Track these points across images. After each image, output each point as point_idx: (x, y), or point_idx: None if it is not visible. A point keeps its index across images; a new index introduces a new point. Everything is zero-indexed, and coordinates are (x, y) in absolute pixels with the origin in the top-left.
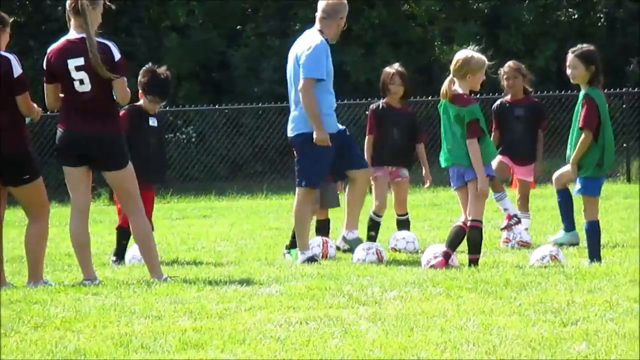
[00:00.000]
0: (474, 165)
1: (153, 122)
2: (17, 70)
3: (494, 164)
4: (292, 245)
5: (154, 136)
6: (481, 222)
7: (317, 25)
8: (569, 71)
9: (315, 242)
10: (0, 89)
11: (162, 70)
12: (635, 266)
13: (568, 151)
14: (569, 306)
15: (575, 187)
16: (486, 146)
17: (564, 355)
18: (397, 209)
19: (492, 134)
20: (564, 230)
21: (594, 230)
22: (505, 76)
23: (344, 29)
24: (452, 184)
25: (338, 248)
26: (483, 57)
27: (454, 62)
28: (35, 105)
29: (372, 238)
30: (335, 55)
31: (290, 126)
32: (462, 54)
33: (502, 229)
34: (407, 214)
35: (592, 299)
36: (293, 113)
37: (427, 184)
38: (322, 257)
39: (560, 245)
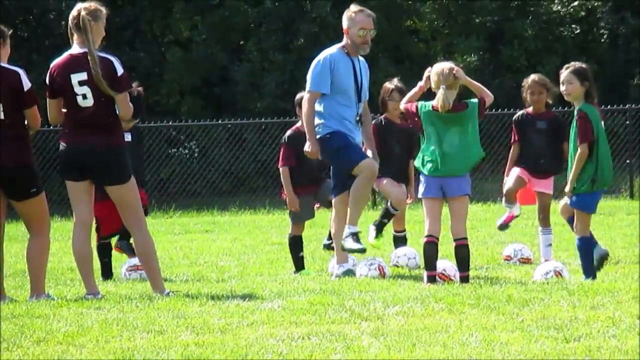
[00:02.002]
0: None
1: (127, 137)
2: (27, 84)
3: (513, 178)
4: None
5: (129, 151)
6: (467, 238)
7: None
8: (562, 87)
9: (372, 264)
10: (10, 103)
11: (134, 86)
12: (638, 283)
13: (568, 169)
14: (572, 322)
15: (570, 200)
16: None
17: None
18: (395, 226)
19: (512, 145)
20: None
21: (585, 246)
22: (529, 90)
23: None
24: (427, 193)
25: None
26: None
27: (441, 73)
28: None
29: (383, 224)
30: None
31: None
32: (444, 64)
33: (499, 227)
34: (404, 230)
35: (595, 315)
36: None
37: (410, 201)
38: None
39: (600, 265)
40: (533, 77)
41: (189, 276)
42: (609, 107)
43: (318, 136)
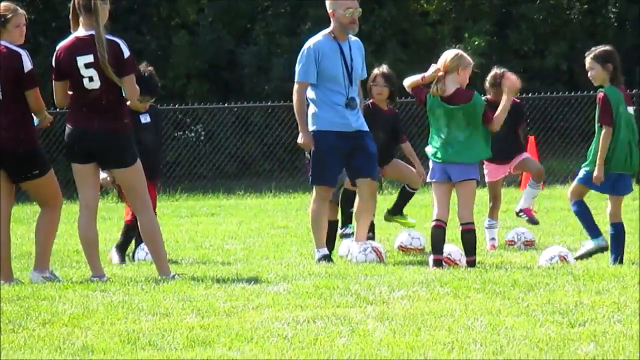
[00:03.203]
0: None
1: (145, 118)
2: (27, 65)
3: (489, 184)
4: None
5: (149, 133)
6: (473, 222)
7: None
8: (589, 74)
9: (365, 248)
10: (11, 84)
11: (143, 67)
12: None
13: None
14: (577, 307)
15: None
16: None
17: (572, 356)
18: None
19: None
20: (591, 238)
21: (617, 233)
22: (489, 84)
23: (356, 23)
24: (432, 177)
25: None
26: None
27: (447, 59)
28: (44, 107)
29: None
30: None
31: None
32: (453, 51)
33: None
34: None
35: (600, 301)
36: None
37: (423, 178)
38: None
39: (591, 254)
40: (494, 69)
41: (195, 259)
42: None
43: (311, 128)
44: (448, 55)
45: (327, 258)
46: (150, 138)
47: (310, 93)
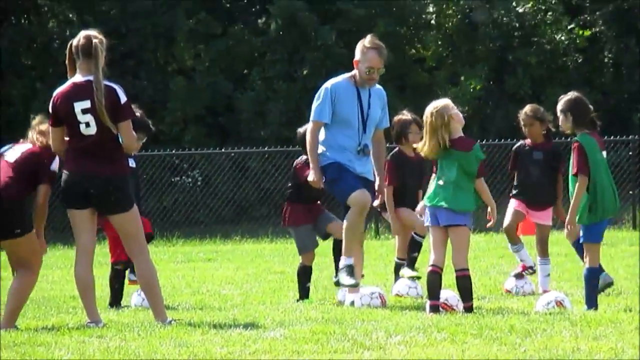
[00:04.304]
0: (487, 200)
1: (132, 163)
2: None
3: (510, 213)
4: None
5: (132, 178)
6: (468, 269)
7: None
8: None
9: (372, 293)
10: None
11: (134, 108)
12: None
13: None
14: (574, 353)
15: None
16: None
17: None
18: (398, 253)
19: (510, 174)
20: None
21: (591, 276)
22: (522, 123)
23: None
24: (427, 221)
25: (337, 283)
26: None
27: (432, 117)
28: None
29: (414, 259)
30: None
31: None
32: (432, 106)
33: (514, 276)
34: (406, 259)
35: (598, 347)
36: None
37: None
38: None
39: (602, 291)
40: (526, 108)
41: (192, 304)
42: (612, 137)
43: (319, 165)
44: (441, 106)
45: (352, 268)
46: (133, 182)
47: (321, 134)
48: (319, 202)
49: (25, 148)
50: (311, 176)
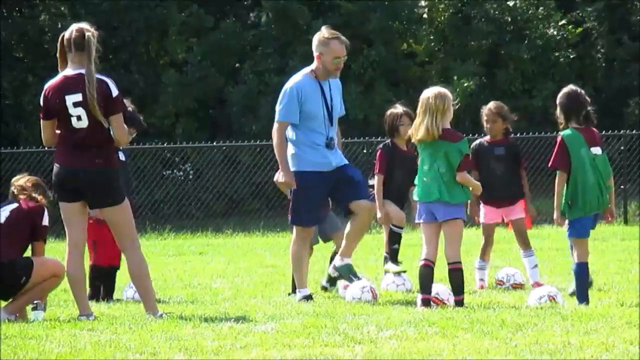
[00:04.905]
0: (475, 187)
1: (122, 156)
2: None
3: (484, 225)
4: (294, 288)
5: (123, 171)
6: (461, 262)
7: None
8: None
9: (364, 287)
10: None
11: (127, 103)
12: (632, 308)
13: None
14: (565, 348)
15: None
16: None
17: None
18: (386, 247)
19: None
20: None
21: (581, 271)
22: (485, 118)
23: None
24: (419, 218)
25: (325, 288)
26: None
27: (434, 99)
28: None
29: (395, 250)
30: None
31: None
32: (434, 90)
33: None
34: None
35: (588, 341)
36: None
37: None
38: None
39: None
40: (490, 105)
41: (183, 298)
42: (603, 132)
43: (292, 168)
44: (433, 95)
45: (309, 298)
46: (124, 177)
47: (290, 133)
48: (329, 200)
49: (12, 207)
50: (282, 177)
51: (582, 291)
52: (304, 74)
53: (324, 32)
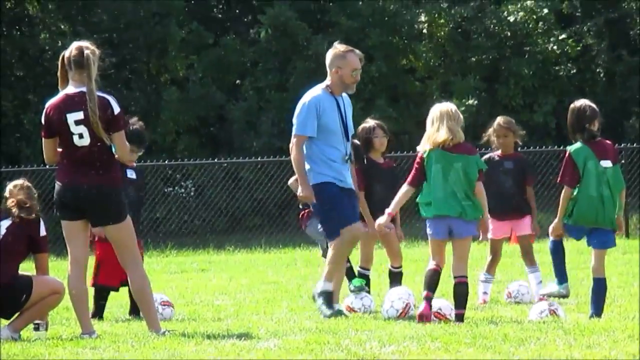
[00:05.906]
0: (484, 205)
1: (131, 174)
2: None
3: (491, 240)
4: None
5: (132, 189)
6: (467, 276)
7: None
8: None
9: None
10: None
11: (133, 121)
12: (634, 322)
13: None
14: None
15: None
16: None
17: None
18: (392, 262)
19: None
20: (557, 283)
21: (596, 288)
22: (495, 134)
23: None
24: (434, 234)
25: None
26: None
27: (449, 107)
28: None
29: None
30: None
31: None
32: (448, 105)
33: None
34: (401, 266)
35: (591, 355)
36: None
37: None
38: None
39: (549, 296)
40: (499, 119)
41: (185, 315)
42: None
43: (310, 183)
44: (448, 109)
45: (330, 296)
46: (134, 194)
47: (307, 149)
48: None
49: (6, 224)
50: (301, 191)
51: (597, 305)
52: (321, 88)
53: (338, 46)
